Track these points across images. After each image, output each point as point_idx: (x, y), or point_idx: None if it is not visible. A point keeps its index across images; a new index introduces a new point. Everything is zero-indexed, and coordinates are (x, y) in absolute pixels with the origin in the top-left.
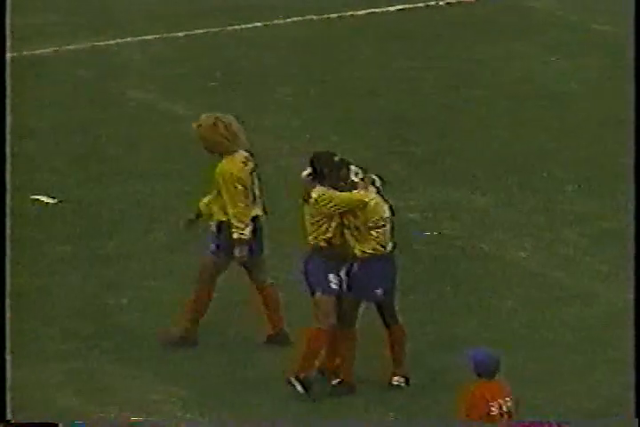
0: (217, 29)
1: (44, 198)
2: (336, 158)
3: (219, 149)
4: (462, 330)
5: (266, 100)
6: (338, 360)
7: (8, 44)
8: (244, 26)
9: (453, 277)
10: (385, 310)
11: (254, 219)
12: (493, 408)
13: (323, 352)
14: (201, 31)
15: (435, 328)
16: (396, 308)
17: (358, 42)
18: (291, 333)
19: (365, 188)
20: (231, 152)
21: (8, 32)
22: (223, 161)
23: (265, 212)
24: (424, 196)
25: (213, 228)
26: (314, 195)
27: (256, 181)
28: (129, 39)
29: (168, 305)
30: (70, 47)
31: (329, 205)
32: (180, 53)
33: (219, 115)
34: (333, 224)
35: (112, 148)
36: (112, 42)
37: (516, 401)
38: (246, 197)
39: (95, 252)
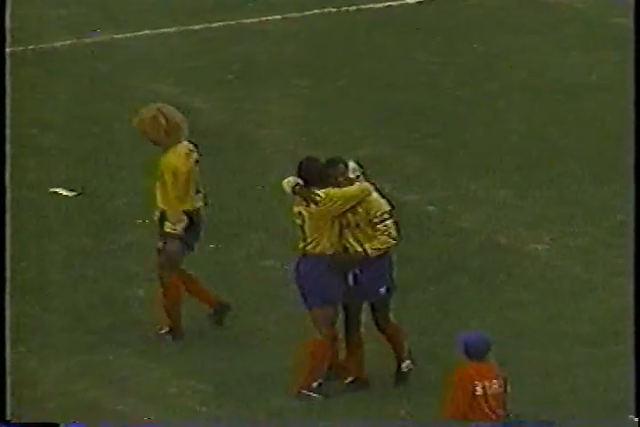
0: (234, 22)
1: (63, 191)
2: (322, 160)
3: (162, 142)
4: (479, 323)
5: (283, 93)
6: (346, 360)
7: (22, 36)
8: (262, 18)
9: (470, 269)
10: (381, 310)
11: (197, 211)
12: (478, 388)
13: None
14: (219, 24)
15: (451, 321)
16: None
17: (376, 35)
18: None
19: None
20: (174, 144)
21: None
22: (167, 153)
23: (205, 203)
24: (442, 189)
25: (156, 217)
26: (321, 195)
27: (197, 173)
28: (147, 32)
29: (184, 298)
30: (88, 40)
31: (338, 202)
32: (198, 46)
33: (160, 106)
34: (337, 227)
35: (130, 141)
36: (130, 35)
37: (505, 383)
38: (188, 190)
39: (112, 244)
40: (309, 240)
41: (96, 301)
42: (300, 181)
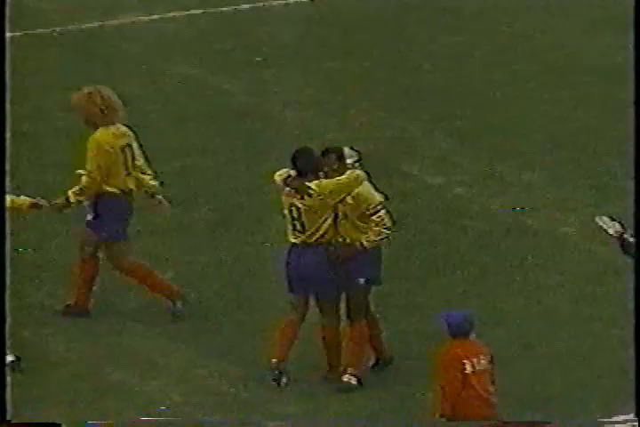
0: (262, 4)
1: None
2: (315, 150)
3: (94, 121)
4: (507, 305)
5: (310, 75)
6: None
7: (50, 18)
8: (290, 0)
9: (499, 252)
10: (356, 301)
11: (129, 192)
12: (467, 366)
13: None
14: (247, 6)
15: (479, 303)
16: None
17: (403, 16)
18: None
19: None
20: (106, 124)
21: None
22: (96, 132)
23: (137, 186)
24: (470, 171)
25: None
26: (314, 187)
27: (130, 156)
28: (175, 13)
29: (212, 279)
30: (116, 22)
31: (332, 193)
32: (226, 28)
33: (97, 86)
34: (330, 218)
35: (158, 123)
36: (157, 16)
37: (491, 358)
38: (113, 170)
39: (140, 226)
40: (309, 232)
41: (123, 282)
42: (293, 173)
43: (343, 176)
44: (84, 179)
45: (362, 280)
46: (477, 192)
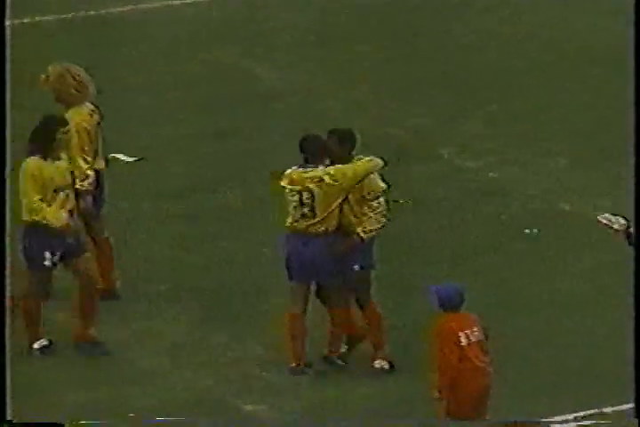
0: None
1: (122, 157)
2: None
3: (67, 100)
4: (537, 291)
5: (342, 59)
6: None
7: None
8: None
9: (531, 237)
10: (359, 288)
11: (97, 171)
12: (462, 339)
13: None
14: None
15: (505, 289)
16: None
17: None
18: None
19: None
20: (78, 103)
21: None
22: (69, 112)
23: (106, 164)
24: (502, 155)
25: None
26: (330, 172)
27: (100, 134)
28: None
29: (241, 264)
30: (143, 6)
31: (351, 178)
32: (259, 12)
33: (67, 65)
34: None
35: (188, 107)
36: (188, 0)
37: (484, 330)
38: (90, 148)
39: (168, 211)
40: (318, 218)
41: (152, 267)
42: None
43: (364, 161)
44: (82, 164)
45: (357, 267)
46: (509, 177)
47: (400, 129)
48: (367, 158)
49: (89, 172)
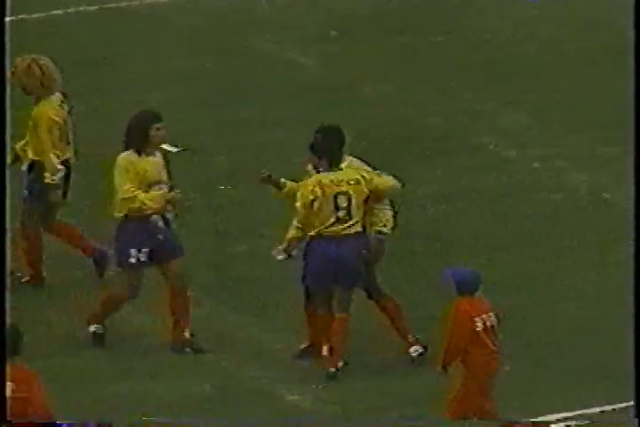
0: None
1: (167, 147)
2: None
3: (35, 92)
4: (578, 282)
5: (383, 49)
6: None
7: None
8: None
9: (574, 226)
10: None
11: (66, 162)
12: (478, 324)
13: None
14: None
15: (547, 281)
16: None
17: None
18: None
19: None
20: (47, 95)
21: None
22: (40, 104)
23: (75, 155)
24: (544, 145)
25: (25, 168)
26: (365, 174)
27: (70, 125)
28: None
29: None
30: None
31: (373, 188)
32: (302, 2)
33: (34, 56)
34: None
35: (230, 96)
36: None
37: (498, 316)
38: (61, 140)
39: (213, 200)
40: (354, 220)
41: (199, 257)
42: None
43: (390, 178)
44: (53, 158)
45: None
46: (552, 166)
47: (442, 119)
48: (393, 179)
49: (59, 166)
